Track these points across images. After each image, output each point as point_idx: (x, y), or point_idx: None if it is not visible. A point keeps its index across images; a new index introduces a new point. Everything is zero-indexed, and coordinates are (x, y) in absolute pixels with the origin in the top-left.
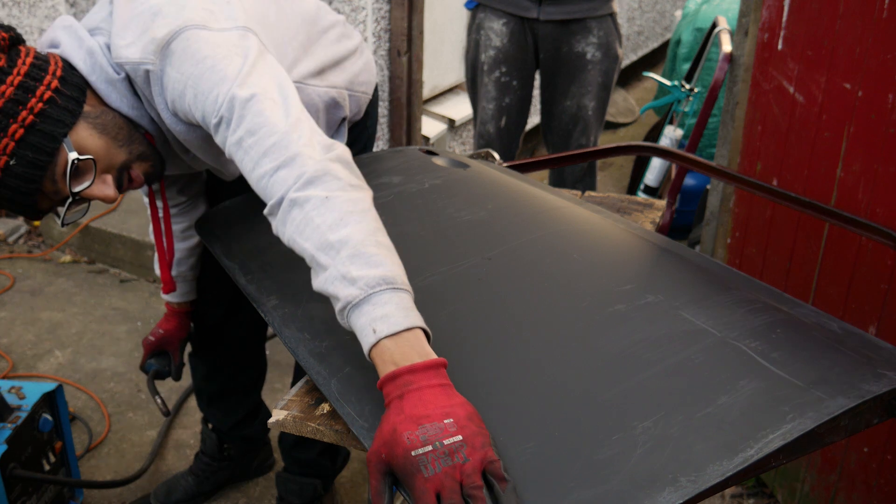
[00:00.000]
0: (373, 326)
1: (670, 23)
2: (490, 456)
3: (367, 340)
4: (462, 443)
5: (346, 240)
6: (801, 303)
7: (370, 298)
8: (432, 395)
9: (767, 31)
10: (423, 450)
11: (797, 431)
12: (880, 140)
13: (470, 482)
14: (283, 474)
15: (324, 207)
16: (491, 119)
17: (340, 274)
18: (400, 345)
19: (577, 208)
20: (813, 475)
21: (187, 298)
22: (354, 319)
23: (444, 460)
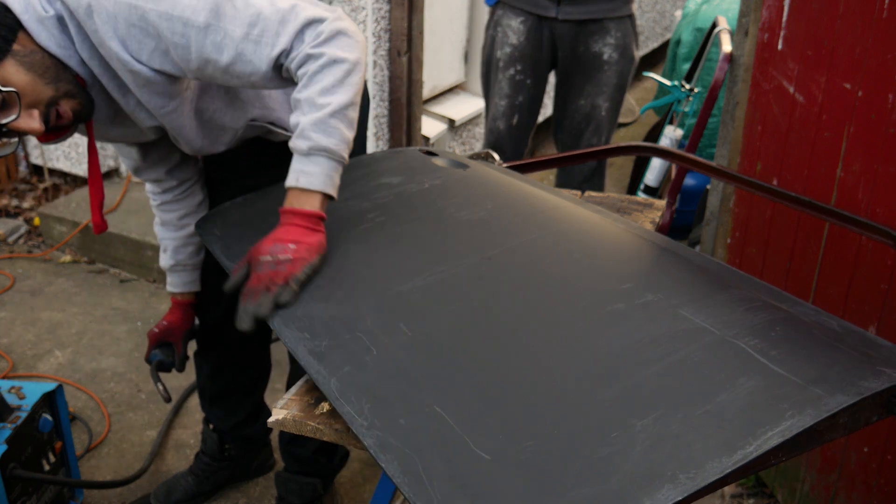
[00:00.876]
0: (297, 176)
1: (670, 23)
2: (296, 273)
3: (290, 181)
4: (289, 259)
5: (324, 105)
6: (800, 301)
7: (310, 156)
8: (296, 230)
9: (767, 31)
10: (264, 258)
11: (796, 428)
12: (880, 140)
13: (273, 282)
14: (282, 474)
15: (328, 70)
16: (502, 116)
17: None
18: (306, 196)
19: (576, 208)
20: (813, 475)
21: (189, 289)
22: (293, 163)
23: (271, 266)
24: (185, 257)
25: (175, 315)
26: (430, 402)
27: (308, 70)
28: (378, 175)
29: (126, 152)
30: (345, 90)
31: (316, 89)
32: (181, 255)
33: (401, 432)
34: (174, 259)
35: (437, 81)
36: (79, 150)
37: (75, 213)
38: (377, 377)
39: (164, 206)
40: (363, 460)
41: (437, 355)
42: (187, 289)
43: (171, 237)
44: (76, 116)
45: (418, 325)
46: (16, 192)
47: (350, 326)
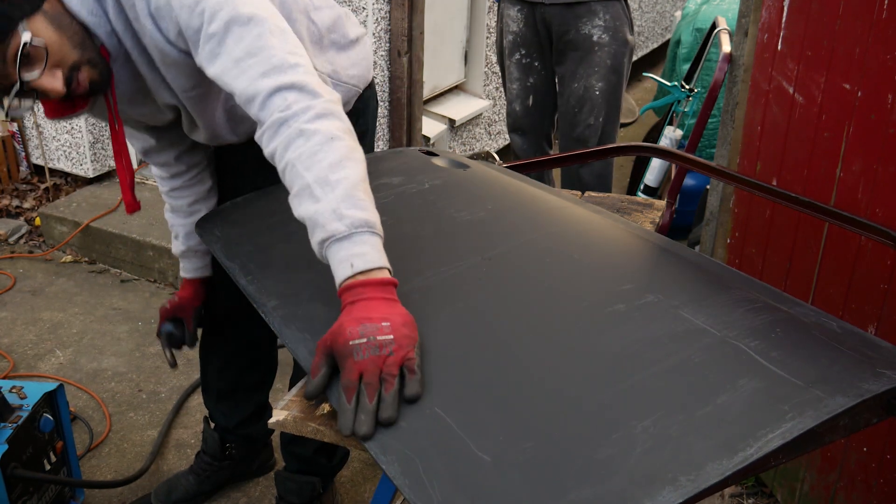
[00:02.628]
0: (351, 261)
1: (670, 23)
2: (410, 355)
3: (345, 272)
4: (392, 341)
5: (342, 181)
6: (800, 302)
7: (352, 237)
8: (377, 304)
9: (767, 31)
10: (358, 341)
11: (797, 430)
12: (880, 140)
13: (388, 370)
14: (282, 473)
15: (328, 146)
16: (517, 98)
17: (332, 209)
18: (370, 276)
19: (576, 208)
20: (812, 475)
21: (201, 274)
22: (335, 251)
23: (373, 350)
24: (196, 243)
25: (187, 291)
26: (430, 404)
27: (297, 149)
28: (378, 175)
29: (137, 134)
30: (352, 165)
31: (322, 167)
32: (192, 241)
33: (401, 434)
34: (185, 245)
35: (438, 81)
36: (79, 151)
37: (76, 214)
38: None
39: (173, 193)
40: (363, 460)
41: (437, 356)
42: (199, 274)
43: (182, 223)
44: (92, 87)
45: (418, 325)
46: (17, 192)
47: None
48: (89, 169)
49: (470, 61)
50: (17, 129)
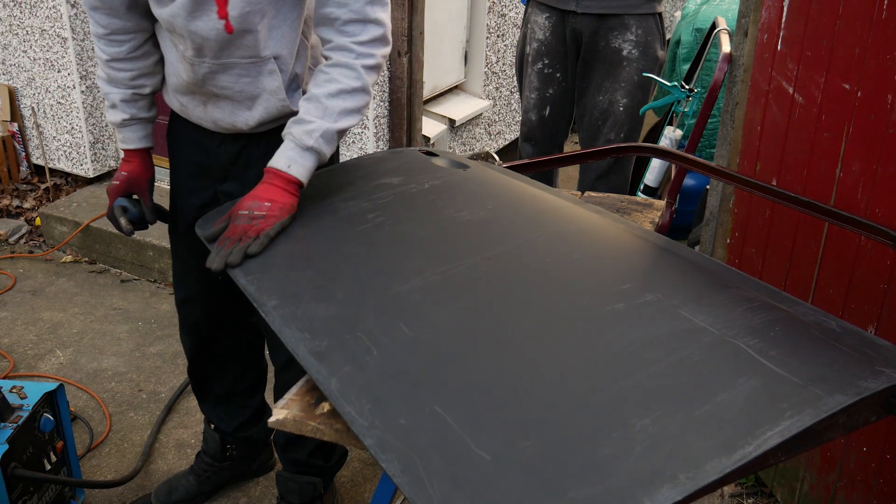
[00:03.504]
0: (290, 163)
1: (670, 23)
2: (267, 227)
3: (280, 164)
4: (262, 216)
5: (338, 123)
6: (799, 301)
7: (306, 153)
8: (275, 190)
9: (767, 31)
10: (242, 211)
11: (795, 428)
12: (879, 140)
13: (247, 234)
14: (283, 473)
15: (354, 95)
16: (533, 108)
17: (314, 129)
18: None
19: (576, 208)
20: (812, 474)
21: (145, 144)
22: (288, 147)
23: (246, 220)
24: (138, 111)
25: (134, 163)
26: (430, 402)
27: (342, 75)
28: (378, 175)
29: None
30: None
31: (339, 106)
32: (134, 109)
33: (401, 432)
34: (127, 113)
35: (438, 82)
36: (79, 151)
37: (76, 214)
38: (377, 377)
39: (113, 64)
40: (363, 460)
41: (437, 355)
42: (144, 144)
43: (121, 92)
44: None
45: (418, 325)
46: (17, 192)
47: (350, 326)
48: (89, 169)
49: (470, 61)
50: (18, 129)
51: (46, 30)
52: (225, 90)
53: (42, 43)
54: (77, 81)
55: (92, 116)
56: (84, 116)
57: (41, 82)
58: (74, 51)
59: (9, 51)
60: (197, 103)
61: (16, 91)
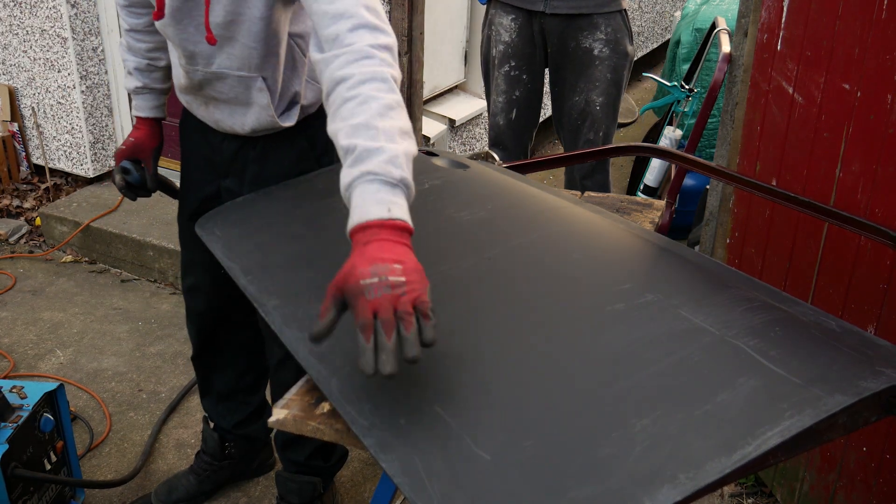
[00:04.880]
0: (389, 206)
1: (670, 23)
2: (423, 298)
3: (378, 213)
4: (404, 283)
5: (405, 145)
6: (799, 301)
7: (396, 188)
8: (391, 246)
9: (767, 31)
10: (370, 280)
11: (795, 429)
12: (879, 140)
13: (403, 309)
14: (282, 473)
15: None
16: (501, 111)
17: (391, 156)
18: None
19: (576, 208)
20: (812, 474)
21: (155, 114)
22: (374, 190)
23: (385, 289)
24: (152, 81)
25: (142, 131)
26: (430, 402)
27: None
28: None
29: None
30: (412, 142)
31: (393, 126)
32: (148, 79)
33: (401, 432)
34: (141, 81)
35: (438, 82)
36: (80, 151)
37: (76, 214)
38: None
39: (132, 34)
40: (363, 460)
41: (437, 355)
42: (154, 114)
43: (137, 61)
44: None
45: None
46: (17, 192)
47: (350, 327)
48: (89, 169)
49: (470, 61)
50: (18, 129)
51: (46, 30)
52: (221, 94)
53: (42, 43)
54: (77, 81)
55: (92, 116)
56: (84, 116)
57: (41, 82)
58: (74, 51)
59: (9, 51)
60: (199, 103)
61: (16, 91)
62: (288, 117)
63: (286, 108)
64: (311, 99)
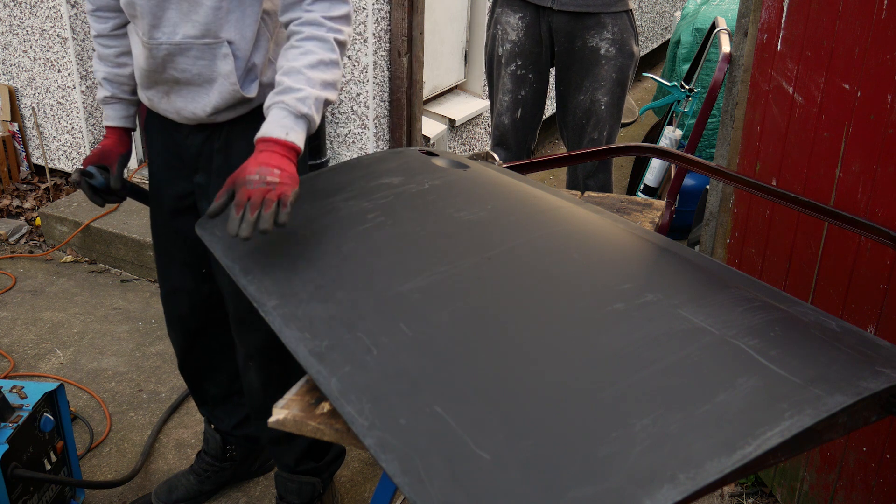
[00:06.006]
0: (287, 131)
1: (670, 23)
2: (288, 193)
3: (276, 133)
4: (277, 182)
5: (325, 92)
6: (799, 301)
7: (300, 120)
8: (278, 158)
9: (766, 31)
10: (252, 177)
11: (795, 429)
12: (879, 140)
13: (269, 197)
14: (281, 474)
15: (332, 68)
16: (506, 111)
17: (304, 96)
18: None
19: (576, 208)
20: (812, 474)
21: (125, 124)
22: (282, 115)
23: (261, 184)
24: (121, 91)
25: (111, 139)
26: (430, 402)
27: (317, 47)
28: (378, 175)
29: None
30: (334, 92)
31: (320, 76)
32: (116, 89)
33: (401, 432)
34: (110, 91)
35: (438, 82)
36: (80, 151)
37: (76, 214)
38: (377, 377)
39: (100, 40)
40: (363, 460)
41: (437, 355)
42: (122, 123)
43: (106, 71)
44: None
45: (418, 325)
46: (17, 192)
47: (350, 326)
48: None
49: (470, 61)
50: (18, 129)
51: (46, 30)
52: (184, 73)
53: (42, 43)
54: (77, 81)
55: (92, 116)
56: (84, 116)
57: (41, 82)
58: (74, 51)
59: (9, 51)
60: (161, 95)
61: (16, 91)
62: (249, 89)
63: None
64: (273, 80)
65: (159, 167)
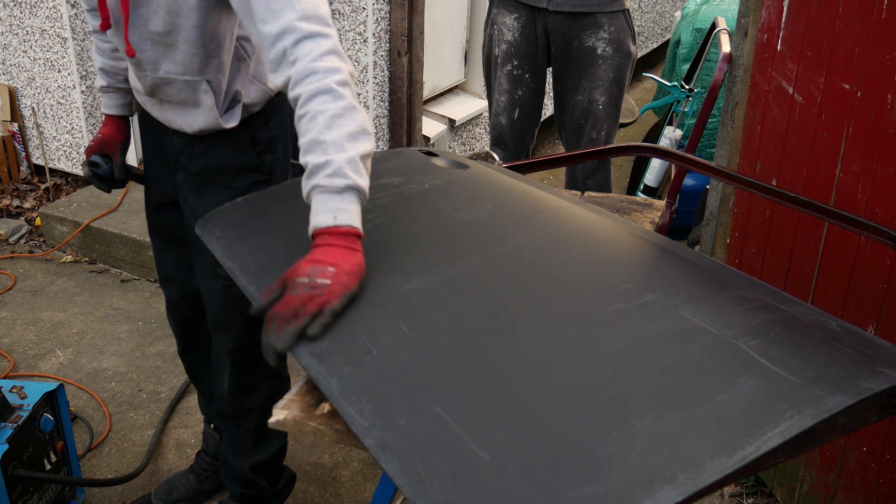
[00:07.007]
0: (335, 214)
1: (670, 23)
2: (333, 301)
3: (325, 222)
4: (326, 285)
5: (354, 149)
6: (799, 301)
7: (344, 194)
8: (335, 251)
9: (767, 31)
10: (302, 280)
11: (796, 429)
12: (879, 140)
13: (306, 308)
14: (226, 502)
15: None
16: (504, 111)
17: (337, 167)
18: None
19: (576, 208)
20: (812, 474)
21: (122, 112)
22: (324, 199)
23: (307, 289)
24: (116, 81)
25: (110, 127)
26: (430, 403)
27: (321, 103)
28: (378, 175)
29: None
30: (365, 140)
31: (340, 133)
32: (112, 79)
33: (401, 432)
34: (106, 81)
35: (438, 82)
36: (79, 151)
37: (76, 214)
38: (377, 377)
39: (98, 35)
40: (363, 460)
41: (437, 355)
42: (120, 111)
43: (104, 62)
44: None
45: (419, 325)
46: (17, 192)
47: (350, 326)
48: None
49: (470, 61)
50: (18, 129)
51: (46, 30)
52: (172, 97)
53: (42, 43)
54: (77, 81)
55: (92, 116)
56: (84, 116)
57: (41, 82)
58: (74, 51)
59: (9, 51)
60: (154, 104)
61: (16, 91)
62: (231, 117)
63: (228, 107)
64: (255, 97)
65: (149, 161)
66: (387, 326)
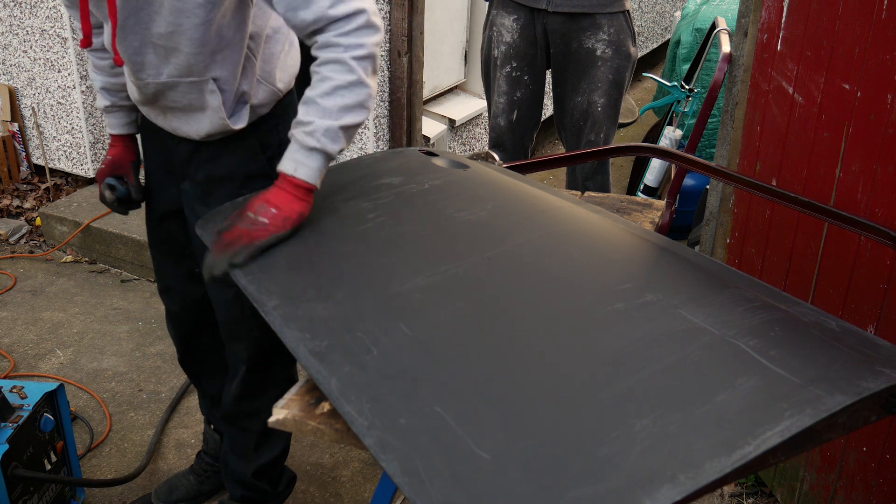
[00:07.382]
0: (296, 166)
1: (670, 23)
2: (261, 237)
3: (287, 168)
4: (265, 223)
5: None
6: (799, 301)
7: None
8: (285, 196)
9: (767, 31)
10: (248, 214)
11: (795, 428)
12: (879, 140)
13: (241, 240)
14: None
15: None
16: (502, 113)
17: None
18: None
19: (576, 208)
20: (812, 474)
21: (128, 130)
22: (294, 150)
23: (248, 224)
24: (119, 99)
25: (118, 148)
26: (430, 402)
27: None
28: (378, 175)
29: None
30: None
31: (337, 103)
32: (115, 97)
33: (401, 432)
34: (109, 100)
35: (438, 82)
36: (80, 151)
37: (77, 214)
38: (377, 377)
39: (94, 53)
40: (363, 460)
41: (437, 355)
42: (126, 130)
43: (103, 80)
44: None
45: (418, 324)
46: (17, 192)
47: (350, 326)
48: (89, 169)
49: (470, 61)
50: (18, 129)
51: (47, 30)
52: (176, 103)
53: (42, 43)
54: (77, 81)
55: (92, 116)
56: (84, 116)
57: (41, 82)
58: (75, 51)
59: (9, 51)
60: (157, 113)
61: (16, 91)
62: (238, 118)
63: (236, 108)
64: (263, 99)
65: (152, 170)
66: (387, 326)
